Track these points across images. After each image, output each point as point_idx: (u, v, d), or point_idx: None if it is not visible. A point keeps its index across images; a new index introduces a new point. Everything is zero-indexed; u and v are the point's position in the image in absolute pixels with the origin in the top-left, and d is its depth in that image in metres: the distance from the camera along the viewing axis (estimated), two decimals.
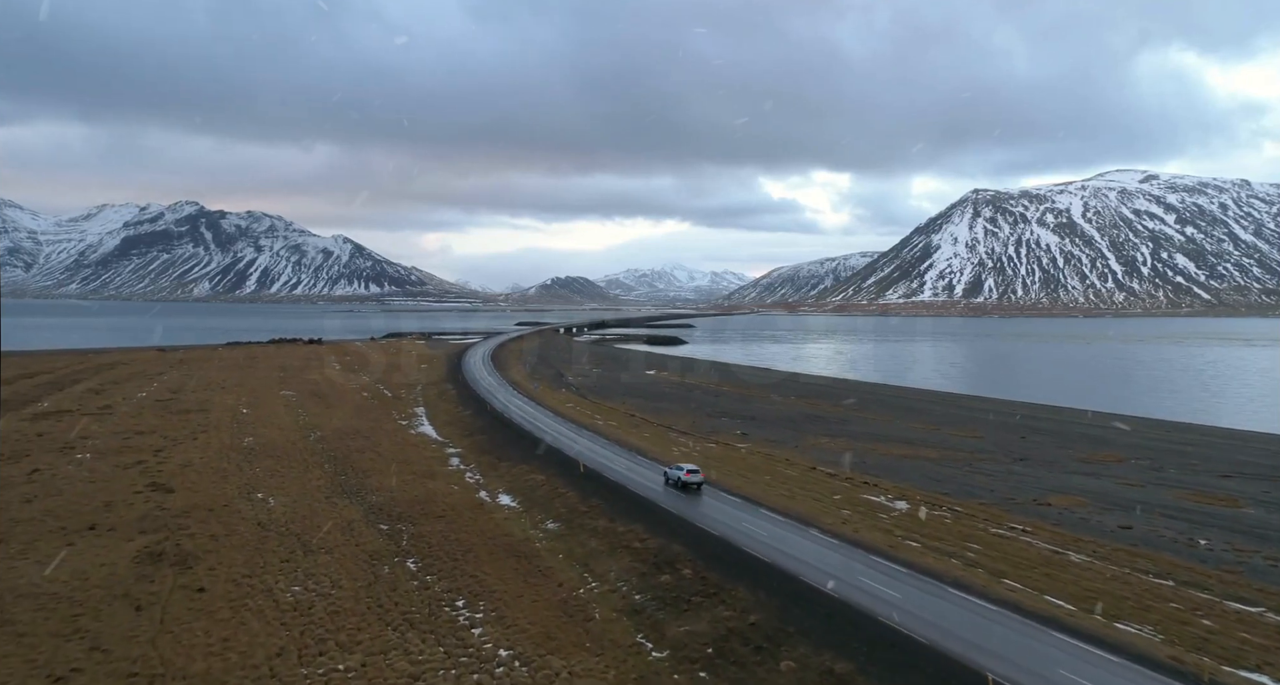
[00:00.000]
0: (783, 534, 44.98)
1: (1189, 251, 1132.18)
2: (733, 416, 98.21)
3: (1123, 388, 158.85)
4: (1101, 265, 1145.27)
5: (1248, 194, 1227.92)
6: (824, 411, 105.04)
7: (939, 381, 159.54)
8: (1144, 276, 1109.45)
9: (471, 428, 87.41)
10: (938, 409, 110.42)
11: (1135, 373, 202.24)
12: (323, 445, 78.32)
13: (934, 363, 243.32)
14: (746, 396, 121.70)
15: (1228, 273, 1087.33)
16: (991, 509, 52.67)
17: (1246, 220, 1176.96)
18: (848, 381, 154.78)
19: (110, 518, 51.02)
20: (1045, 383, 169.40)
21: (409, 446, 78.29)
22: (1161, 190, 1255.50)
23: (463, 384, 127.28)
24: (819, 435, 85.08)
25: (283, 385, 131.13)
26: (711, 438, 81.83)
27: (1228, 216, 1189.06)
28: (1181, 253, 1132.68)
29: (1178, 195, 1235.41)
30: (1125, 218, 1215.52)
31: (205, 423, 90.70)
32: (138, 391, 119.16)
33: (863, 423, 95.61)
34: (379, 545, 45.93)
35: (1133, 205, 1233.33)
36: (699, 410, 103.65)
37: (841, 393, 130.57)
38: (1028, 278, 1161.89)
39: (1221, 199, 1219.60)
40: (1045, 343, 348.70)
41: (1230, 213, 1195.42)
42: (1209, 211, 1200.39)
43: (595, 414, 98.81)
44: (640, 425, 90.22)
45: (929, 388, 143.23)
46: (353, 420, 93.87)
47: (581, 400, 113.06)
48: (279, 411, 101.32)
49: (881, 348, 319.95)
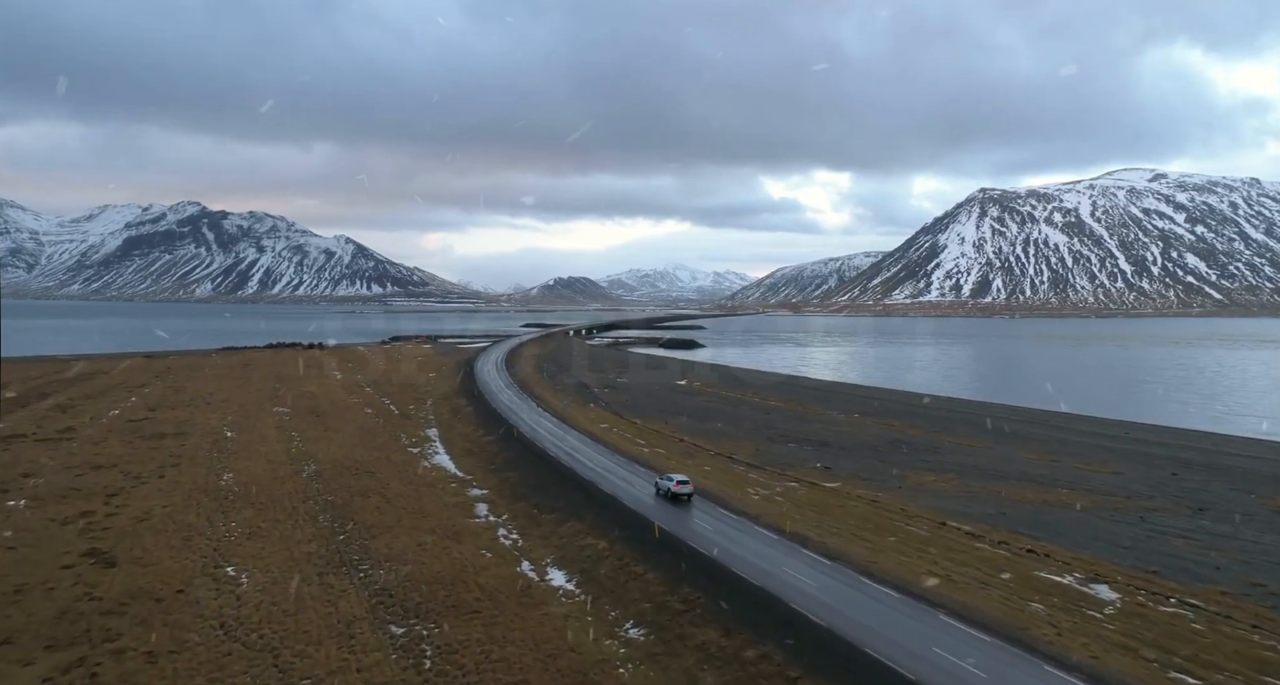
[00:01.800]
0: (1003, 670, 29.91)
1: (1199, 251, 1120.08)
2: (799, 441, 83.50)
3: (1224, 402, 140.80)
4: (1111, 265, 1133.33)
5: (1258, 192, 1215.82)
6: (902, 433, 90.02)
7: (1004, 393, 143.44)
8: (1154, 276, 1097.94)
9: (497, 459, 72.84)
10: (1036, 431, 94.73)
11: (1224, 382, 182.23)
12: (318, 484, 63.88)
13: (981, 368, 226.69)
14: (803, 414, 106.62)
15: (1239, 272, 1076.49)
16: (1249, 605, 37.75)
17: (1257, 219, 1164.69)
18: (905, 393, 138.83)
19: (15, 615, 36.59)
20: (1125, 395, 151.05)
21: (424, 487, 63.74)
22: (1170, 189, 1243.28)
23: (478, 398, 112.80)
24: (917, 469, 70.41)
25: (277, 400, 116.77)
26: (787, 473, 67.29)
27: (1238, 215, 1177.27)
28: (1192, 252, 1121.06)
29: (1187, 194, 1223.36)
30: (1134, 217, 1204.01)
31: (180, 452, 76.28)
32: (110, 409, 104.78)
33: (958, 450, 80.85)
34: (391, 676, 31.35)
35: (1142, 204, 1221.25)
36: (756, 433, 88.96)
37: (907, 408, 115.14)
38: (1036, 278, 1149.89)
39: (1231, 198, 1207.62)
40: (1079, 346, 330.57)
41: (1240, 211, 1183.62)
42: (1219, 210, 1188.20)
43: (638, 438, 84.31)
44: (695, 454, 75.68)
45: (1000, 400, 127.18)
46: (355, 448, 79.41)
47: (616, 419, 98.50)
48: (269, 435, 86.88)
49: (912, 351, 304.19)
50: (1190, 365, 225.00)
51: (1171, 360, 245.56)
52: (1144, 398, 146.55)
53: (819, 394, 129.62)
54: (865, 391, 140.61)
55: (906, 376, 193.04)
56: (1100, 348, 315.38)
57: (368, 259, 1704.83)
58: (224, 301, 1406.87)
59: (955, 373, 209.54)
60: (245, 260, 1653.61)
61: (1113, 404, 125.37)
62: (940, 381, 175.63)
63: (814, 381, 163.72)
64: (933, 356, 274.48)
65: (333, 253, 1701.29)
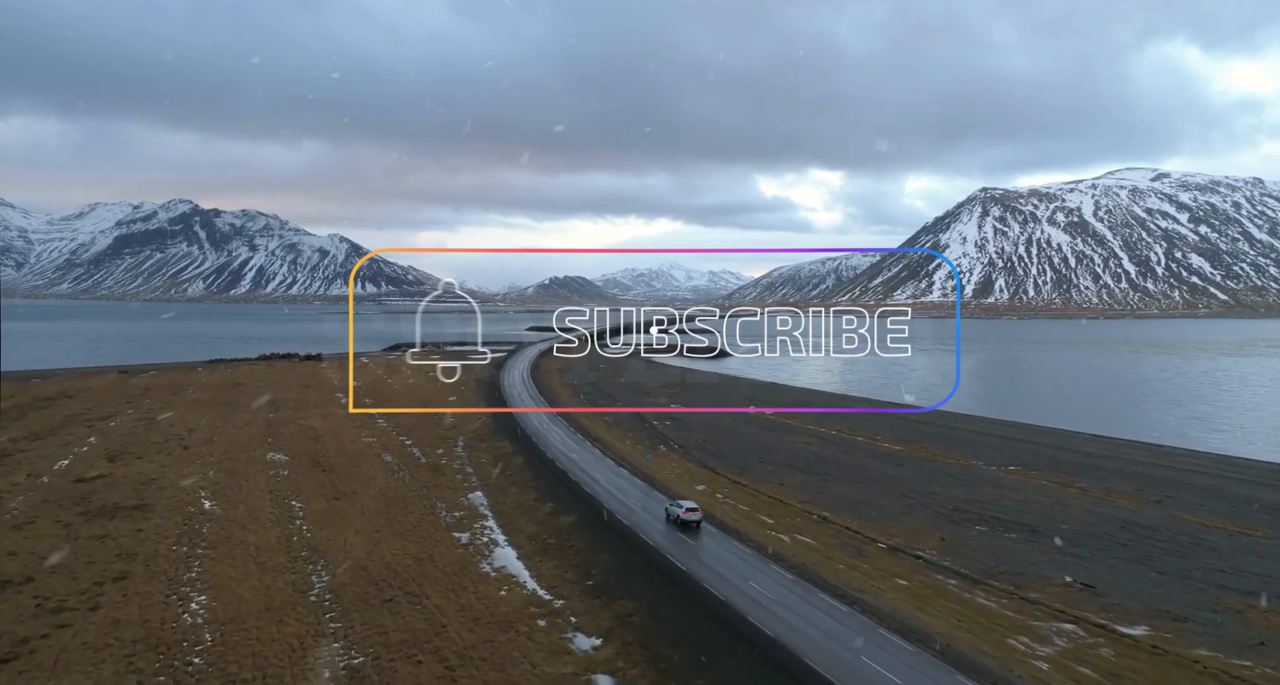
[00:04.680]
0: None
1: (1203, 251, 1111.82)
2: (988, 522, 60.37)
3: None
4: (1115, 265, 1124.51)
5: (1261, 192, 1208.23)
6: (1126, 507, 66.61)
7: (1188, 430, 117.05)
8: (1158, 276, 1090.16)
9: (590, 563, 50.32)
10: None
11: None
12: (337, 622, 41.46)
13: (1099, 387, 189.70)
14: (948, 467, 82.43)
15: (1244, 273, 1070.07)
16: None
17: (1261, 219, 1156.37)
18: (1053, 431, 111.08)
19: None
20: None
21: (499, 630, 41.12)
22: (1173, 189, 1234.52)
23: (522, 440, 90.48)
24: (1223, 590, 48.13)
25: (271, 439, 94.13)
26: (1032, 597, 45.19)
27: (1241, 215, 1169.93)
28: (1196, 252, 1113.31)
29: (1190, 194, 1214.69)
30: (1138, 216, 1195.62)
31: (134, 547, 53.67)
32: (58, 458, 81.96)
33: (1239, 544, 58.09)
34: None
35: (1144, 204, 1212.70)
36: (913, 504, 66.30)
37: (1083, 456, 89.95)
38: (1039, 278, 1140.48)
39: (1234, 197, 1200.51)
40: (1167, 354, 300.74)
41: (1244, 211, 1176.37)
42: (1222, 210, 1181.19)
43: (761, 514, 62.07)
44: (864, 550, 53.45)
45: (1197, 445, 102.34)
46: (382, 535, 56.80)
47: (713, 477, 76.19)
48: (261, 507, 64.25)
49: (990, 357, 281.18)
50: (1271, 375, 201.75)
51: (1255, 371, 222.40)
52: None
53: (942, 434, 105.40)
54: (991, 427, 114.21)
55: (1025, 402, 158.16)
56: (1188, 356, 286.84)
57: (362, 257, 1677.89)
58: (216, 301, 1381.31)
59: (1074, 397, 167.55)
60: (238, 259, 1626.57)
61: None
62: (1070, 411, 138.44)
63: (921, 415, 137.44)
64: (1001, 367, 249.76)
65: (327, 251, 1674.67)
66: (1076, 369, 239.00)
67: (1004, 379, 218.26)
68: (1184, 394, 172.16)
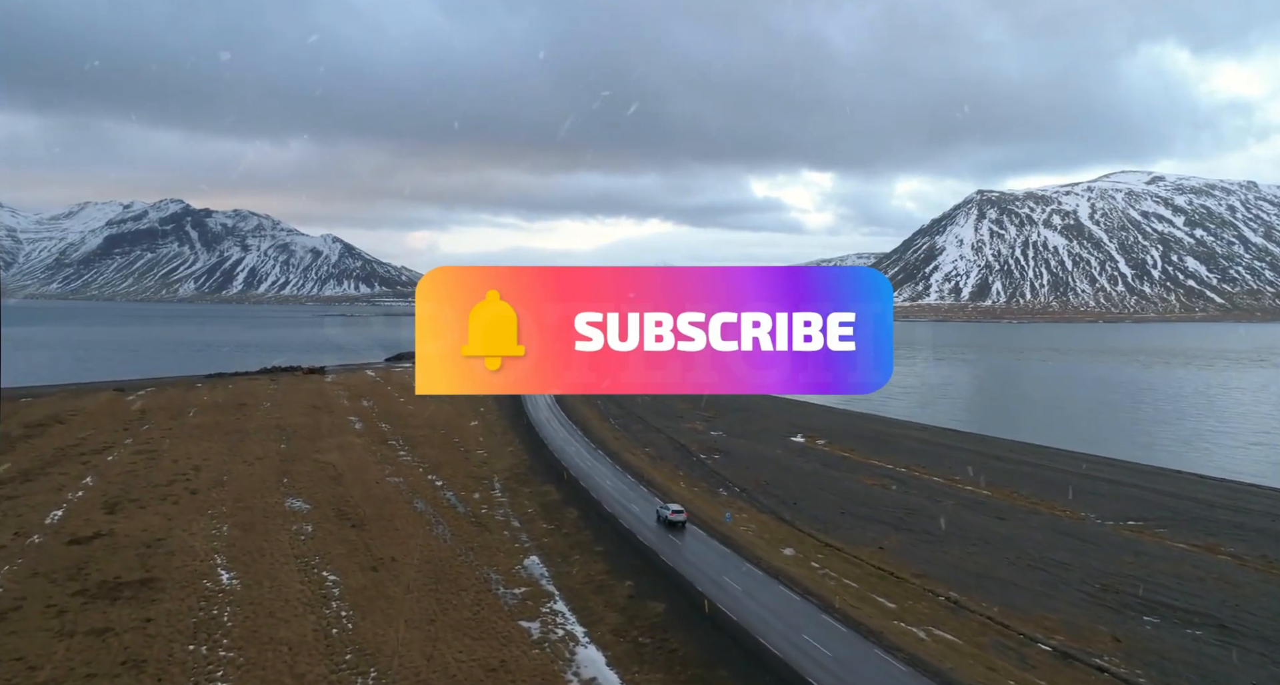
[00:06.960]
0: None
1: (1199, 254, 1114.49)
2: (1179, 616, 49.35)
3: None
4: (1111, 268, 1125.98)
5: (1255, 196, 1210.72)
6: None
7: (1245, 462, 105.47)
8: (1155, 280, 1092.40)
9: (701, 673, 41.26)
10: None
11: None
12: None
13: (1146, 412, 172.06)
14: (1076, 526, 71.69)
15: (1240, 276, 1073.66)
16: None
17: (1256, 223, 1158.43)
18: (1171, 474, 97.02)
19: None
20: None
21: None
22: (1169, 192, 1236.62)
23: (570, 485, 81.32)
24: None
25: (287, 479, 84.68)
26: None
27: (1236, 219, 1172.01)
28: (1192, 256, 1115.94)
29: (1185, 197, 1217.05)
30: (1133, 220, 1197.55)
31: (138, 652, 43.87)
32: (50, 508, 72.22)
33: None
34: None
35: (1140, 207, 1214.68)
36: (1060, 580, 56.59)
37: (1233, 513, 76.66)
38: (1036, 281, 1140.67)
39: (1229, 201, 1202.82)
40: (1199, 367, 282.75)
41: (1239, 215, 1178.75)
42: (1217, 214, 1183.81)
43: (870, 589, 53.04)
44: (1028, 657, 44.48)
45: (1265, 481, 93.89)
46: (439, 629, 47.48)
47: (796, 534, 66.99)
48: (288, 580, 54.87)
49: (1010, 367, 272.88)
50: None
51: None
52: None
53: (1023, 472, 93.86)
54: (1062, 461, 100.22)
55: (1080, 425, 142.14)
56: (1223, 370, 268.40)
57: (355, 258, 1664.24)
58: (208, 301, 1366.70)
59: (1133, 422, 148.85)
60: (230, 259, 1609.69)
61: None
62: (1140, 442, 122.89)
63: (965, 434, 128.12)
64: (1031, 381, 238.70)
65: (320, 252, 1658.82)
66: (1114, 383, 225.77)
67: (1040, 396, 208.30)
68: (1267, 420, 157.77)
